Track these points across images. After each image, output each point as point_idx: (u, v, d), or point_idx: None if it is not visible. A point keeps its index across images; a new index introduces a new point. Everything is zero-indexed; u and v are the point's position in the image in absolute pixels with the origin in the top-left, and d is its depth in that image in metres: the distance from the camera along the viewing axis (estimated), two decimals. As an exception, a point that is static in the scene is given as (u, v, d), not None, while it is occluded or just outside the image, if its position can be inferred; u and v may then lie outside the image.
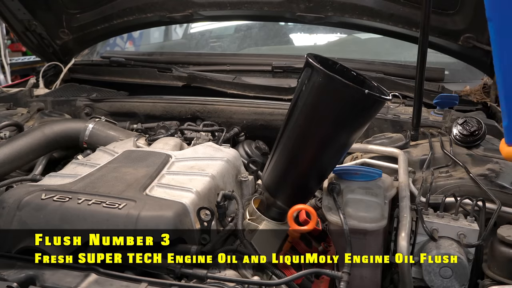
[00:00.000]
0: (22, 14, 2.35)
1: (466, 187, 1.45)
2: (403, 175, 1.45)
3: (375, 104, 1.13)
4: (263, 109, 2.03)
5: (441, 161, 1.58)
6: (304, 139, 1.19)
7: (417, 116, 1.68)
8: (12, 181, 1.41)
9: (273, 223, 1.29)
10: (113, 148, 1.53)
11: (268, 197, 1.29)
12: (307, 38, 3.06)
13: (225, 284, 0.97)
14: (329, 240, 1.37)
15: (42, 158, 1.78)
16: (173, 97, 2.19)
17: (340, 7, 2.06)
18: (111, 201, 1.10)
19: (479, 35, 1.95)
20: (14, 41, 6.64)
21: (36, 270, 0.93)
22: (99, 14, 2.40)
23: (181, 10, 2.29)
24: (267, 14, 2.25)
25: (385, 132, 1.83)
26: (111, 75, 2.50)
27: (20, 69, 6.52)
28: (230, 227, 1.20)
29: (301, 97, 1.15)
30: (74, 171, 1.34)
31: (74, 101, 2.24)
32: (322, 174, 1.28)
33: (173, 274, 1.00)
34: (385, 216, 1.31)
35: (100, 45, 2.97)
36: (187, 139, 1.77)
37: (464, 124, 1.63)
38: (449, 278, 1.28)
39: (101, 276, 0.93)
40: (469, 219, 1.35)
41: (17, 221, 1.09)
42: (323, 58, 1.19)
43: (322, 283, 1.21)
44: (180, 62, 2.56)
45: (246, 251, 1.09)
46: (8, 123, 1.83)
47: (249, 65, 2.47)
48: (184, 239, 1.08)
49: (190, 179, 1.26)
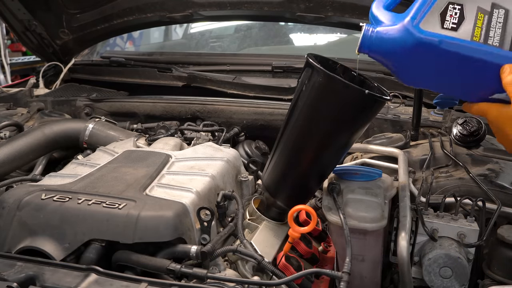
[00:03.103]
0: (22, 14, 2.35)
1: (466, 187, 1.46)
2: (403, 175, 1.45)
3: (375, 104, 1.13)
4: (263, 109, 2.03)
5: (441, 161, 1.58)
6: (304, 139, 1.19)
7: (417, 116, 1.68)
8: (12, 181, 1.41)
9: (273, 223, 1.29)
10: (113, 148, 1.53)
11: (268, 197, 1.29)
12: (307, 38, 3.06)
13: (225, 284, 0.96)
14: (329, 240, 1.37)
15: (42, 158, 1.78)
16: (173, 97, 2.20)
17: (340, 7, 2.06)
18: (111, 201, 1.10)
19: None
20: (14, 41, 6.65)
21: (36, 270, 0.93)
22: (99, 14, 2.40)
23: (181, 10, 2.29)
24: (267, 14, 2.24)
25: (385, 132, 1.83)
26: (111, 75, 2.50)
27: (20, 69, 6.53)
28: (230, 227, 1.20)
29: (301, 97, 1.15)
30: (74, 171, 1.34)
31: (74, 101, 2.24)
32: (322, 174, 1.28)
33: (173, 274, 0.99)
34: (385, 216, 1.31)
35: (100, 45, 2.97)
36: (187, 139, 1.77)
37: (464, 124, 1.64)
38: (449, 278, 1.28)
39: (101, 276, 0.93)
40: (469, 219, 1.35)
41: (17, 221, 1.09)
42: (323, 58, 1.19)
43: (322, 283, 1.21)
44: (180, 62, 2.56)
45: (246, 251, 1.09)
46: (8, 123, 1.83)
47: (249, 65, 2.47)
48: (184, 239, 1.08)
49: (190, 179, 1.26)
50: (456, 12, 1.03)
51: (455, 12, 1.03)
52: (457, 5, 1.03)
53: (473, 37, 1.02)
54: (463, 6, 1.03)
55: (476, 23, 1.02)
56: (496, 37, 1.02)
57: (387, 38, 1.06)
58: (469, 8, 1.03)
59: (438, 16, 1.03)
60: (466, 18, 1.03)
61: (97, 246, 1.06)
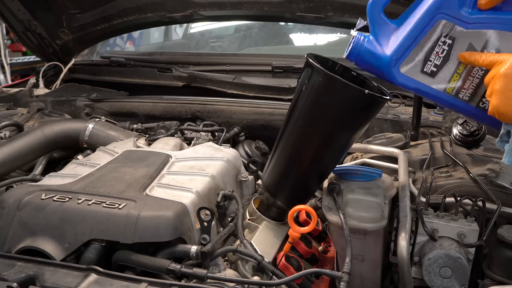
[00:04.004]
0: (22, 14, 2.35)
1: (466, 187, 1.45)
2: (403, 175, 1.45)
3: (375, 104, 1.13)
4: (263, 109, 2.03)
5: (441, 161, 1.58)
6: (304, 139, 1.19)
7: (417, 116, 1.68)
8: (12, 181, 1.41)
9: (273, 223, 1.29)
10: (113, 148, 1.53)
11: (268, 197, 1.29)
12: (307, 38, 3.06)
13: (225, 284, 0.96)
14: (329, 240, 1.37)
15: (42, 158, 1.78)
16: (173, 97, 2.20)
17: (340, 7, 2.06)
18: (111, 201, 1.10)
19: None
20: (14, 41, 6.64)
21: (36, 270, 0.93)
22: (99, 14, 2.39)
23: (181, 10, 2.29)
24: (267, 14, 2.24)
25: (385, 132, 1.83)
26: (111, 75, 2.50)
27: (20, 69, 6.52)
28: (230, 227, 1.20)
29: (301, 97, 1.15)
30: (74, 171, 1.34)
31: (74, 101, 2.24)
32: (322, 174, 1.28)
33: (173, 274, 0.99)
34: (385, 216, 1.32)
35: (100, 45, 2.97)
36: (187, 139, 1.77)
37: (464, 124, 1.64)
38: (449, 278, 1.28)
39: (101, 276, 0.93)
40: (469, 219, 1.35)
41: (17, 221, 1.09)
42: (323, 58, 1.19)
43: (322, 283, 1.21)
44: (180, 62, 2.55)
45: (246, 251, 1.09)
46: (8, 123, 1.83)
47: (249, 65, 2.47)
48: (184, 239, 1.08)
49: (190, 179, 1.26)
50: (444, 49, 1.05)
51: (442, 49, 1.04)
52: (448, 38, 1.05)
53: (447, 87, 1.08)
54: (454, 40, 1.05)
55: (458, 68, 1.06)
56: (470, 89, 1.07)
57: (374, 54, 1.08)
58: (460, 43, 1.04)
59: (423, 55, 1.06)
60: (450, 59, 1.05)
61: (97, 246, 1.06)
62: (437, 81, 1.07)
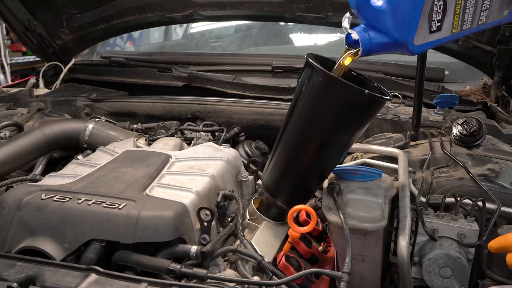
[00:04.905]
0: (22, 14, 2.36)
1: (466, 187, 1.45)
2: (403, 175, 1.45)
3: (375, 104, 1.13)
4: (263, 109, 2.03)
5: (441, 161, 1.58)
6: (304, 139, 1.19)
7: (417, 116, 1.68)
8: (12, 181, 1.41)
9: (273, 223, 1.29)
10: (113, 148, 1.53)
11: (268, 197, 1.29)
12: (307, 38, 3.06)
13: (225, 284, 0.96)
14: (329, 240, 1.37)
15: (42, 158, 1.78)
16: (173, 97, 2.20)
17: (340, 7, 2.06)
18: (111, 201, 1.10)
19: (479, 35, 1.95)
20: (14, 41, 6.65)
21: (36, 270, 0.93)
22: (99, 14, 2.40)
23: (181, 10, 2.29)
24: (267, 14, 2.24)
25: (385, 132, 1.83)
26: (111, 75, 2.50)
27: (20, 69, 6.53)
28: (230, 227, 1.20)
29: (301, 97, 1.15)
30: (74, 171, 1.34)
31: (74, 101, 2.24)
32: (322, 174, 1.28)
33: (173, 274, 0.99)
34: (385, 216, 1.31)
35: (100, 45, 2.98)
36: (187, 139, 1.77)
37: (464, 124, 1.64)
38: (449, 278, 1.28)
39: (101, 276, 0.93)
40: (469, 219, 1.35)
41: (17, 221, 1.09)
42: (323, 58, 1.19)
43: (322, 283, 1.21)
44: (180, 62, 2.56)
45: (246, 251, 1.09)
46: (8, 123, 1.83)
47: (249, 65, 2.47)
48: (184, 239, 1.08)
49: (190, 179, 1.26)
50: (440, 5, 1.06)
51: (439, 5, 1.06)
52: None
53: (452, 29, 1.11)
54: None
55: (455, 10, 1.08)
56: (469, 19, 1.11)
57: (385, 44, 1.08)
58: None
59: (426, 19, 1.07)
60: (448, 8, 1.07)
61: (97, 246, 1.06)
62: (444, 31, 1.09)
